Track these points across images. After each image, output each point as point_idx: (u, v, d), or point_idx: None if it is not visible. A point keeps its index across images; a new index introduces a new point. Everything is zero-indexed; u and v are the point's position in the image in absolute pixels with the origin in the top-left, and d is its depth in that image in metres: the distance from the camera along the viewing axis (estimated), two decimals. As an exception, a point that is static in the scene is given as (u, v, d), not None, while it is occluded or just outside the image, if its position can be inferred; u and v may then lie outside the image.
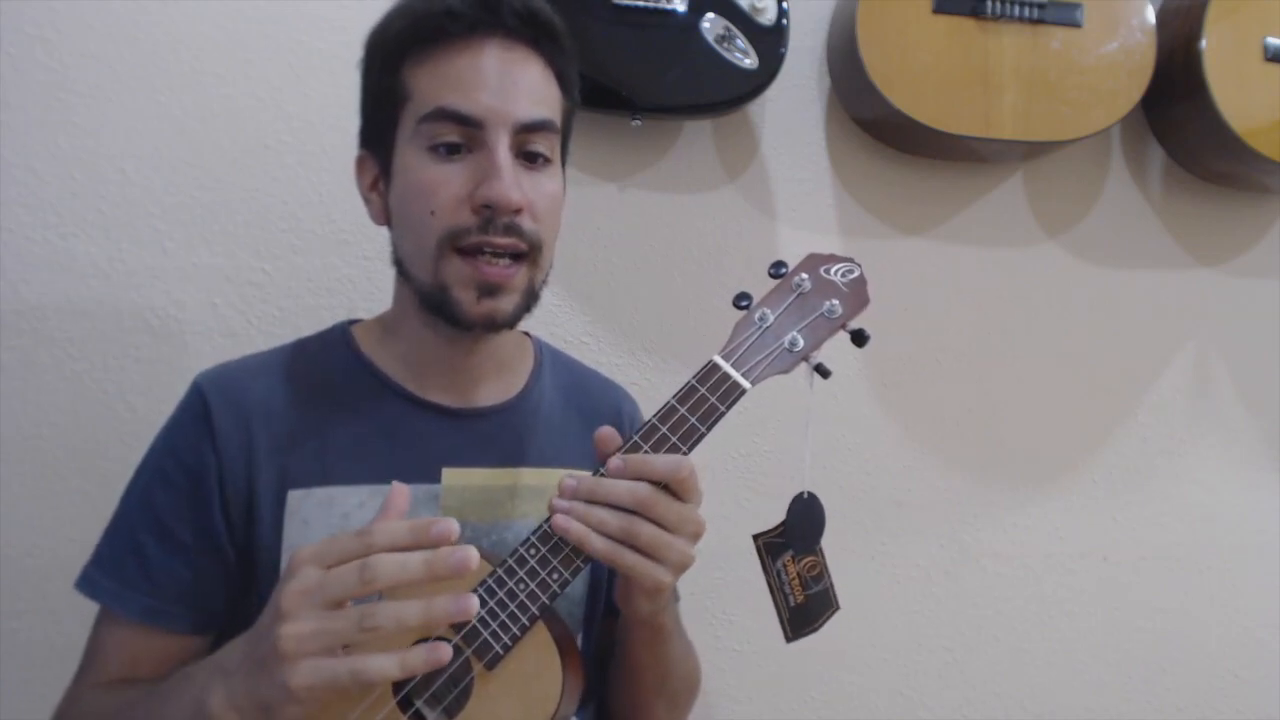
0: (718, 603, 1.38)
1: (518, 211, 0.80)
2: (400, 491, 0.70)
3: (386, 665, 0.63)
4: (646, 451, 0.75)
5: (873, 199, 1.45)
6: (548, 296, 1.37)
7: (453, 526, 0.64)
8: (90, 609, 0.85)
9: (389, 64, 0.83)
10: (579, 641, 0.92)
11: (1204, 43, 1.32)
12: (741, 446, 1.41)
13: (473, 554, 0.64)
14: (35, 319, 1.21)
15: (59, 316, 1.22)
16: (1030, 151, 1.41)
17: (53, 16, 1.20)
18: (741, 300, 0.81)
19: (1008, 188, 1.49)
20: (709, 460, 1.41)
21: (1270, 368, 1.56)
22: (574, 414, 0.96)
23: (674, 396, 0.77)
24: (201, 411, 0.85)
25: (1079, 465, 1.52)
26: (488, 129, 0.80)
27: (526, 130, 0.81)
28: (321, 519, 0.83)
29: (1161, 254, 1.53)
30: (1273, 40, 1.35)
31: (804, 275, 0.82)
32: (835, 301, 0.80)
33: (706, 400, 0.76)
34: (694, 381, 0.77)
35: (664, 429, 0.76)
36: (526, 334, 1.01)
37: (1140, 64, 1.33)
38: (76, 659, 0.85)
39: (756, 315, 0.80)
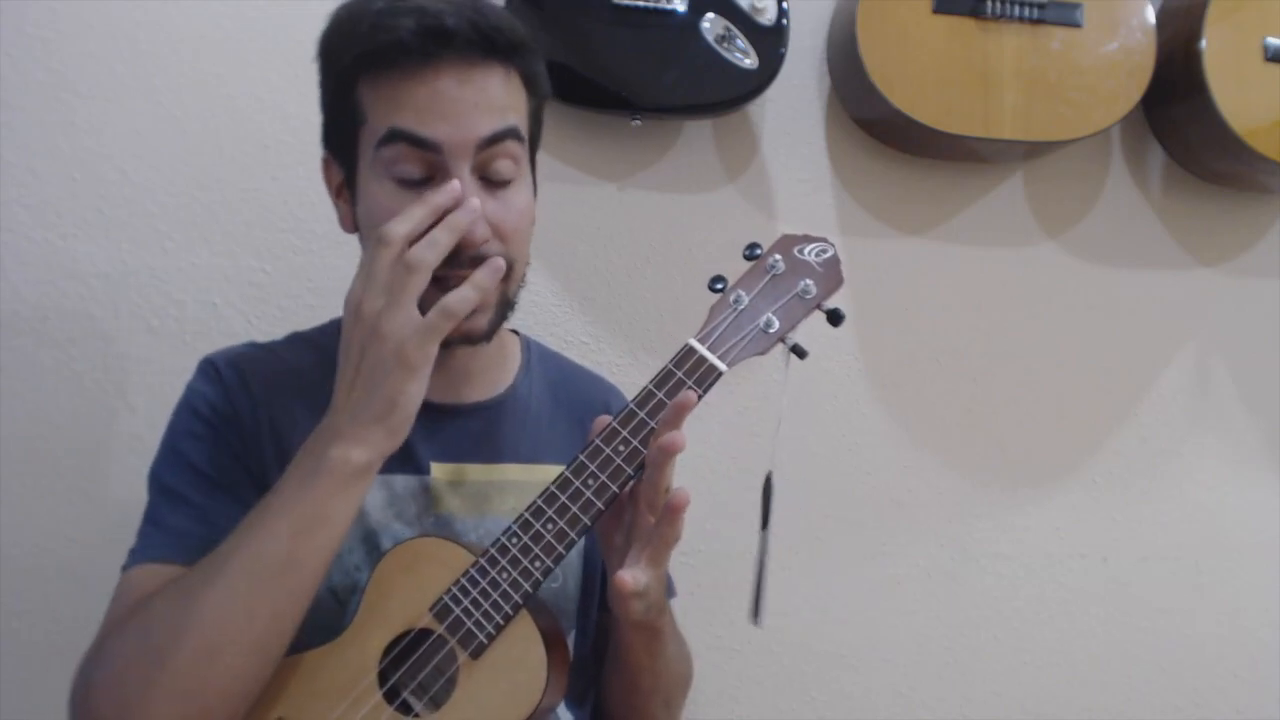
0: (717, 602, 1.38)
1: (484, 242, 0.79)
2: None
3: (465, 294, 0.74)
4: (626, 437, 0.76)
5: (873, 199, 1.45)
6: (548, 296, 1.38)
7: (455, 187, 0.75)
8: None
9: (343, 81, 0.80)
10: (573, 637, 0.93)
11: (1204, 43, 1.32)
12: (743, 444, 1.41)
13: (474, 202, 0.76)
14: (35, 319, 1.21)
15: (59, 316, 1.22)
16: (1030, 151, 1.41)
17: (53, 16, 1.20)
18: (717, 283, 0.82)
19: (1008, 188, 1.49)
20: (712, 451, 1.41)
21: (1270, 368, 1.56)
22: (562, 411, 0.97)
23: (651, 381, 0.77)
24: (213, 374, 0.87)
25: (1079, 465, 1.52)
26: (447, 154, 0.77)
27: (489, 144, 0.79)
28: None
29: (1161, 254, 1.53)
30: (1273, 40, 1.35)
31: (778, 256, 0.82)
32: (810, 281, 0.81)
33: (684, 384, 0.77)
34: (670, 366, 0.78)
35: (642, 414, 0.76)
36: (515, 331, 1.01)
37: (1140, 64, 1.33)
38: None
39: (731, 297, 0.80)
